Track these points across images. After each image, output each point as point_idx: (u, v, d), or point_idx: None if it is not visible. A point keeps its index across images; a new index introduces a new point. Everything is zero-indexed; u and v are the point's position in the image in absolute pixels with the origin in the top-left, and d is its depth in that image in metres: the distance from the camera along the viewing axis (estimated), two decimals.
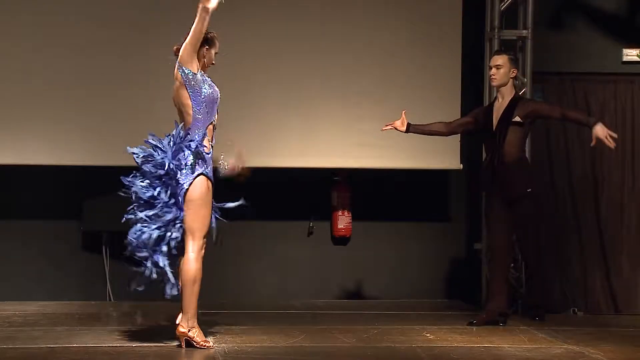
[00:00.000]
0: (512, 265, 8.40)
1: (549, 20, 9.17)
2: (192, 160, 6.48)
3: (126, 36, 8.55)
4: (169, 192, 6.47)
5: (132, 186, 6.51)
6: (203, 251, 6.57)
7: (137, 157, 6.54)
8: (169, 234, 6.45)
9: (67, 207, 8.86)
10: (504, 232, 7.85)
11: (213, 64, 6.68)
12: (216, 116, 6.63)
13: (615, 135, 7.55)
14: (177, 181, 6.46)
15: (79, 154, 8.52)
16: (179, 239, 6.48)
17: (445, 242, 9.38)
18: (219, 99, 6.61)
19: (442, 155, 8.78)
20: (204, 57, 6.60)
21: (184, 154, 6.48)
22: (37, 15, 8.49)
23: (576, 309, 8.90)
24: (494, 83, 7.90)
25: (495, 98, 7.97)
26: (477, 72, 8.83)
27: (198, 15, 6.39)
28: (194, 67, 6.51)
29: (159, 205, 6.46)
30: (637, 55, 9.20)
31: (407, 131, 7.94)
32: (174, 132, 6.55)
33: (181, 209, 6.46)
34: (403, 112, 7.95)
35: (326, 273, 9.27)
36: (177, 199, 6.46)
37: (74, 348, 6.58)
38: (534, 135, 8.73)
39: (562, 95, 9.12)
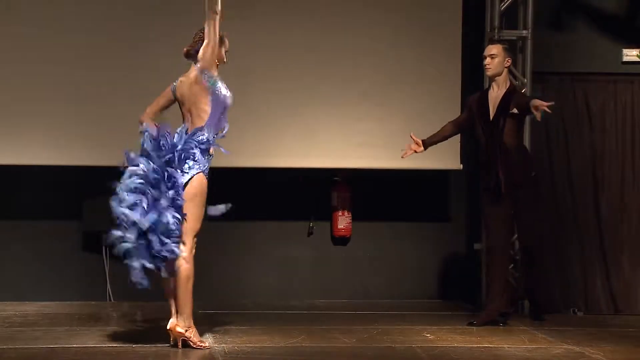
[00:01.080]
0: (512, 265, 8.40)
1: (549, 20, 9.16)
2: (199, 155, 6.48)
3: (126, 36, 8.54)
4: (171, 177, 6.42)
5: (137, 165, 6.41)
6: (194, 251, 6.54)
7: (145, 141, 6.48)
8: (169, 217, 6.38)
9: (67, 207, 8.85)
10: (504, 231, 7.84)
11: (225, 62, 6.71)
12: (227, 125, 6.63)
13: (552, 103, 7.47)
14: (182, 169, 6.43)
15: (79, 154, 8.51)
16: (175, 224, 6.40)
17: (445, 242, 9.37)
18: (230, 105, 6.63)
19: (442, 155, 8.76)
20: (216, 56, 6.63)
21: (193, 149, 6.46)
22: (37, 15, 8.48)
23: (576, 309, 8.90)
24: (489, 73, 7.89)
25: (490, 87, 7.95)
26: (477, 72, 8.82)
27: (208, 19, 6.42)
28: (215, 70, 6.58)
29: (163, 189, 6.40)
30: (637, 55, 9.19)
31: (425, 148, 7.98)
32: (179, 130, 6.53)
33: (175, 197, 6.40)
34: (411, 134, 7.96)
35: (326, 273, 9.26)
36: (175, 185, 6.41)
37: (74, 348, 6.58)
38: (533, 134, 8.73)
39: (562, 95, 9.10)
